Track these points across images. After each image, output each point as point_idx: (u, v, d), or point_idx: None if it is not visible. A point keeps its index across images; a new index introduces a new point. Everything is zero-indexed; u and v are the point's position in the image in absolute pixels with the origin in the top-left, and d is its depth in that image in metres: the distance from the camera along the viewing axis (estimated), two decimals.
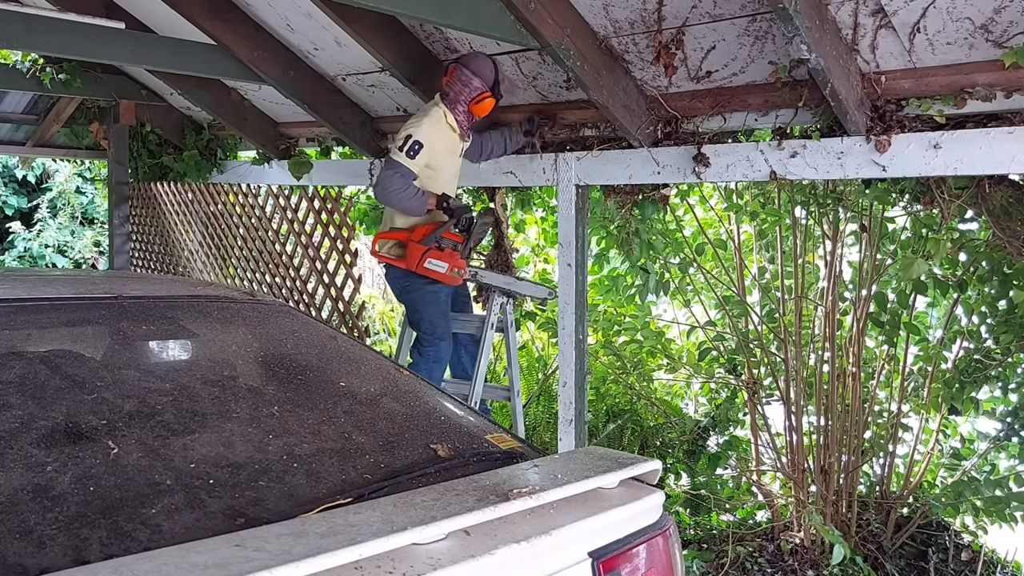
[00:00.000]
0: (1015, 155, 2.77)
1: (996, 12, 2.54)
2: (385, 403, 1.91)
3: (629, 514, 1.54)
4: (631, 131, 3.57)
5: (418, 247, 3.60)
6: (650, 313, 5.45)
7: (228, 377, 1.83)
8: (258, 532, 1.19)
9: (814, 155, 3.22)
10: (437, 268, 3.58)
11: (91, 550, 1.17)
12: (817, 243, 4.78)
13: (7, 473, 1.27)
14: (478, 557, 1.26)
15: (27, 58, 5.45)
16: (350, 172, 5.38)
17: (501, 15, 3.14)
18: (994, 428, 4.52)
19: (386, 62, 3.89)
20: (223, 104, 5.43)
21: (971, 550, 4.47)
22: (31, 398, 1.48)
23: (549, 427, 5.37)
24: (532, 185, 4.57)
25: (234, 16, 4.28)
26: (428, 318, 3.76)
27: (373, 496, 1.40)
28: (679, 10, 3.07)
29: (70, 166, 10.85)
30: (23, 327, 1.76)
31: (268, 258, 5.48)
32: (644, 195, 4.01)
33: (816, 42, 2.65)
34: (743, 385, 4.93)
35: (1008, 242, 3.21)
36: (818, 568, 4.27)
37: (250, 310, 2.18)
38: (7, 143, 6.88)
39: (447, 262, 3.60)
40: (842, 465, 4.56)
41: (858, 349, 4.49)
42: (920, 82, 2.87)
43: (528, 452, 1.78)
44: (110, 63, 5.39)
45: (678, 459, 5.18)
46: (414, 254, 3.60)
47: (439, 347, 3.78)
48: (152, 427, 1.49)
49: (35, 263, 10.72)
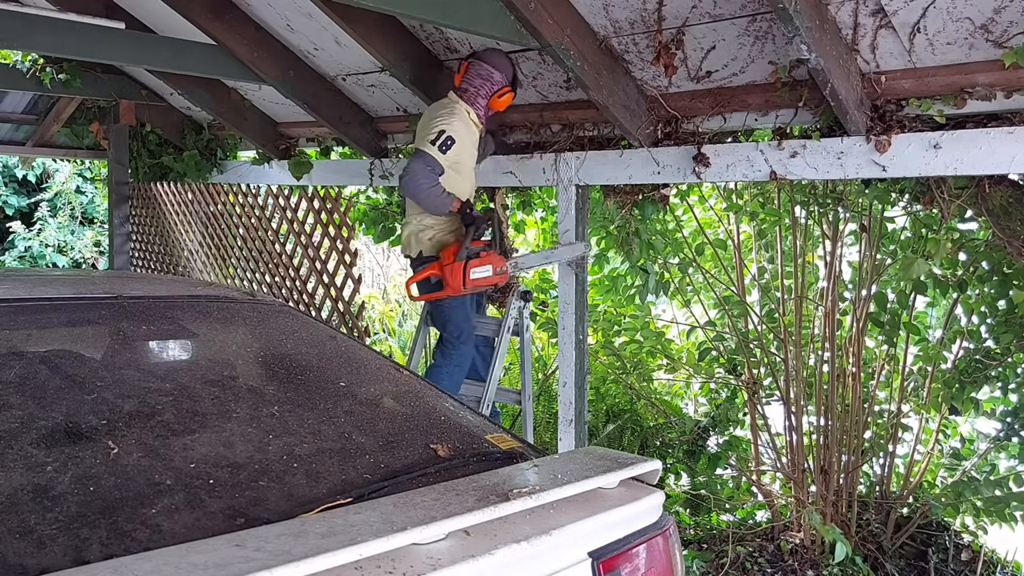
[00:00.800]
0: (1015, 155, 2.77)
1: (996, 12, 2.54)
2: (385, 403, 1.91)
3: (629, 514, 1.54)
4: (631, 131, 3.57)
5: (455, 267, 3.50)
6: (650, 313, 5.45)
7: (228, 377, 1.83)
8: (258, 532, 1.19)
9: (814, 155, 3.22)
10: (484, 275, 3.53)
11: (91, 550, 1.16)
12: (817, 243, 4.78)
13: (7, 473, 1.27)
14: (478, 557, 1.26)
15: (27, 58, 5.45)
16: (350, 172, 5.38)
17: (501, 15, 3.14)
18: (994, 428, 4.52)
19: (386, 62, 3.89)
20: (223, 104, 5.43)
21: (971, 550, 4.47)
22: (31, 398, 1.48)
23: (549, 427, 5.37)
24: (532, 185, 4.57)
25: (234, 16, 4.28)
26: (456, 321, 3.74)
27: (373, 496, 1.40)
28: (679, 10, 3.07)
29: (70, 166, 10.85)
30: (23, 327, 1.76)
31: (268, 258, 5.48)
32: (644, 195, 4.01)
33: (816, 42, 2.65)
34: (743, 385, 4.93)
35: (1008, 242, 3.21)
36: (818, 568, 4.27)
37: (250, 310, 2.18)
38: (7, 143, 6.89)
39: (489, 264, 3.55)
40: (842, 465, 4.56)
41: (858, 349, 4.49)
42: (920, 82, 2.87)
43: (528, 452, 1.77)
44: (110, 63, 5.39)
45: (678, 459, 5.18)
46: (455, 275, 3.51)
47: (463, 350, 3.77)
48: (152, 427, 1.49)
49: (35, 263, 10.72)
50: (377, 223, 5.55)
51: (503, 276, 3.60)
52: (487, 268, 3.53)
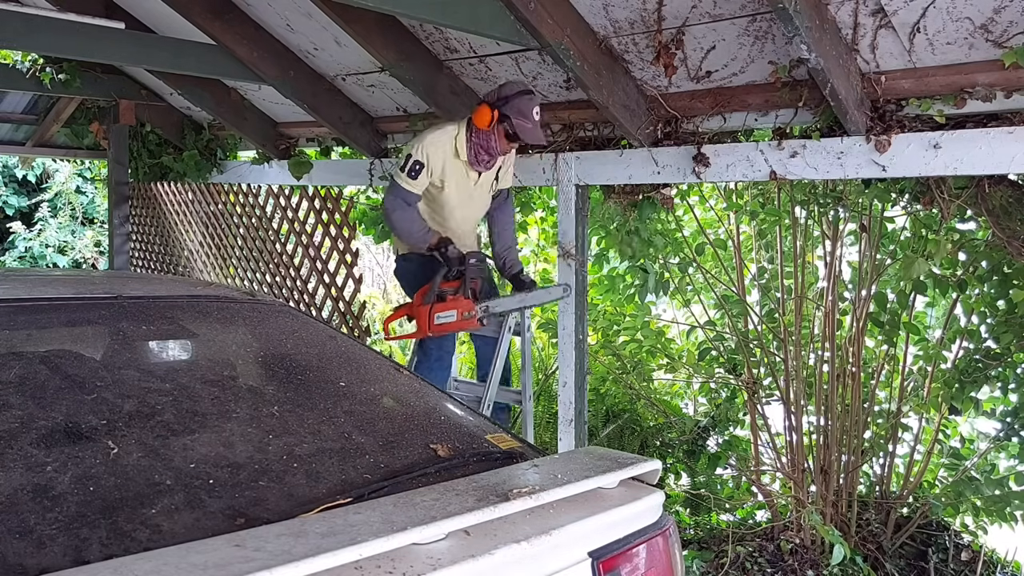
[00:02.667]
0: (1015, 155, 2.77)
1: (996, 12, 2.54)
2: (385, 403, 1.91)
3: (629, 514, 1.54)
4: (631, 131, 3.57)
5: (422, 310, 3.43)
6: (650, 313, 5.44)
7: (228, 377, 1.83)
8: (258, 532, 1.19)
9: (814, 155, 3.22)
10: (447, 320, 3.45)
11: (91, 550, 1.16)
12: (817, 243, 4.78)
13: (7, 473, 1.27)
14: (478, 557, 1.26)
15: (27, 58, 5.45)
16: (350, 172, 5.38)
17: (501, 15, 3.14)
18: (994, 428, 4.51)
19: (386, 62, 3.89)
20: (223, 104, 5.43)
21: (971, 550, 4.47)
22: (31, 398, 1.48)
23: (549, 427, 5.37)
24: (532, 185, 4.57)
25: (234, 16, 4.28)
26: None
27: (373, 496, 1.40)
28: (679, 10, 3.07)
29: (70, 166, 10.85)
30: (23, 327, 1.76)
31: (268, 258, 5.48)
32: (644, 195, 4.01)
33: (816, 42, 2.65)
34: (743, 385, 4.93)
35: (1008, 242, 3.21)
36: (818, 568, 4.27)
37: (250, 310, 2.18)
38: (7, 143, 6.89)
39: (453, 309, 3.45)
40: (842, 465, 4.56)
41: (858, 349, 4.49)
42: (920, 82, 2.87)
43: (528, 452, 1.78)
44: (110, 63, 5.40)
45: (678, 459, 5.18)
46: (422, 318, 3.44)
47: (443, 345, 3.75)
48: (152, 427, 1.49)
49: (35, 263, 10.73)
50: (377, 223, 5.55)
51: (470, 322, 3.49)
52: (452, 313, 3.43)
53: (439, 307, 3.43)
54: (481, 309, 3.48)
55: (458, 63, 4.01)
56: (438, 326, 3.43)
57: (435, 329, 3.43)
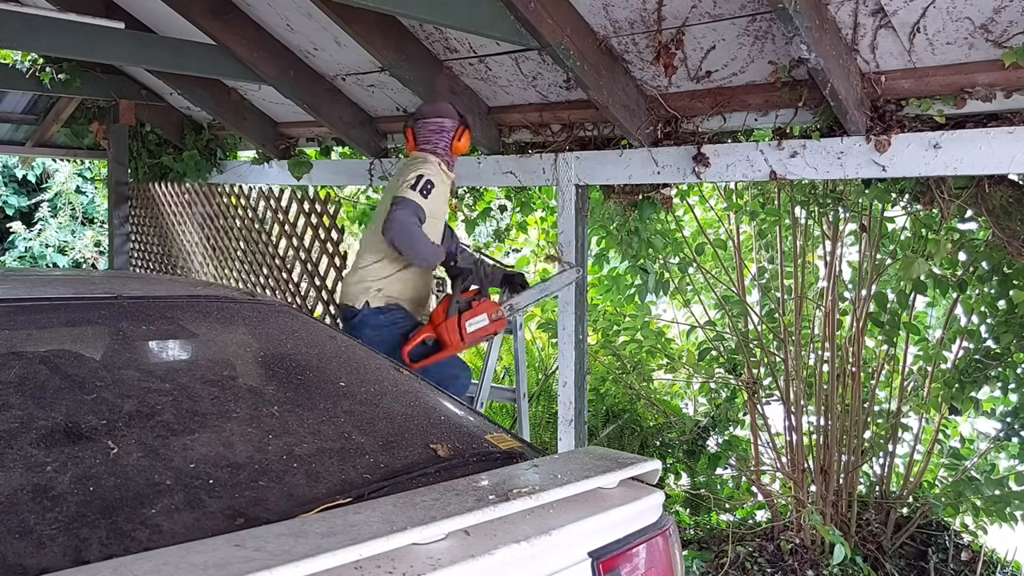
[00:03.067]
0: (1015, 155, 2.77)
1: (996, 12, 2.54)
2: (385, 403, 1.91)
3: (629, 514, 1.54)
4: (631, 131, 3.57)
5: (449, 324, 3.32)
6: (650, 313, 5.45)
7: (228, 377, 1.83)
8: (258, 532, 1.19)
9: (814, 155, 3.22)
10: (480, 325, 3.37)
11: (91, 550, 1.16)
12: (817, 243, 4.78)
13: (7, 473, 1.27)
14: (478, 557, 1.26)
15: (27, 58, 5.45)
16: (350, 172, 5.38)
17: (501, 15, 3.14)
18: (994, 428, 4.52)
19: (386, 62, 3.88)
20: (223, 104, 5.43)
21: (971, 550, 4.47)
22: (31, 398, 1.48)
23: (549, 427, 5.37)
24: (532, 185, 4.57)
25: (234, 16, 4.28)
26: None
27: (373, 496, 1.40)
28: (679, 10, 3.07)
29: (70, 166, 10.85)
30: (23, 327, 1.76)
31: (268, 258, 5.48)
32: (644, 195, 4.01)
33: (816, 42, 2.65)
34: (743, 385, 4.93)
35: (1008, 242, 3.21)
36: (818, 568, 4.27)
37: (250, 310, 2.18)
38: (7, 143, 6.88)
39: (483, 312, 3.39)
40: (842, 465, 4.56)
41: (858, 349, 4.49)
42: (920, 82, 2.87)
43: (528, 452, 1.77)
44: (110, 63, 5.39)
45: (678, 459, 5.18)
46: (452, 331, 3.32)
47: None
48: (152, 427, 1.49)
49: (35, 263, 10.73)
50: None
51: (501, 322, 3.43)
52: (482, 318, 3.37)
53: (467, 315, 3.36)
54: (505, 308, 3.46)
55: (458, 63, 4.01)
56: (471, 334, 3.36)
57: (469, 338, 3.36)
